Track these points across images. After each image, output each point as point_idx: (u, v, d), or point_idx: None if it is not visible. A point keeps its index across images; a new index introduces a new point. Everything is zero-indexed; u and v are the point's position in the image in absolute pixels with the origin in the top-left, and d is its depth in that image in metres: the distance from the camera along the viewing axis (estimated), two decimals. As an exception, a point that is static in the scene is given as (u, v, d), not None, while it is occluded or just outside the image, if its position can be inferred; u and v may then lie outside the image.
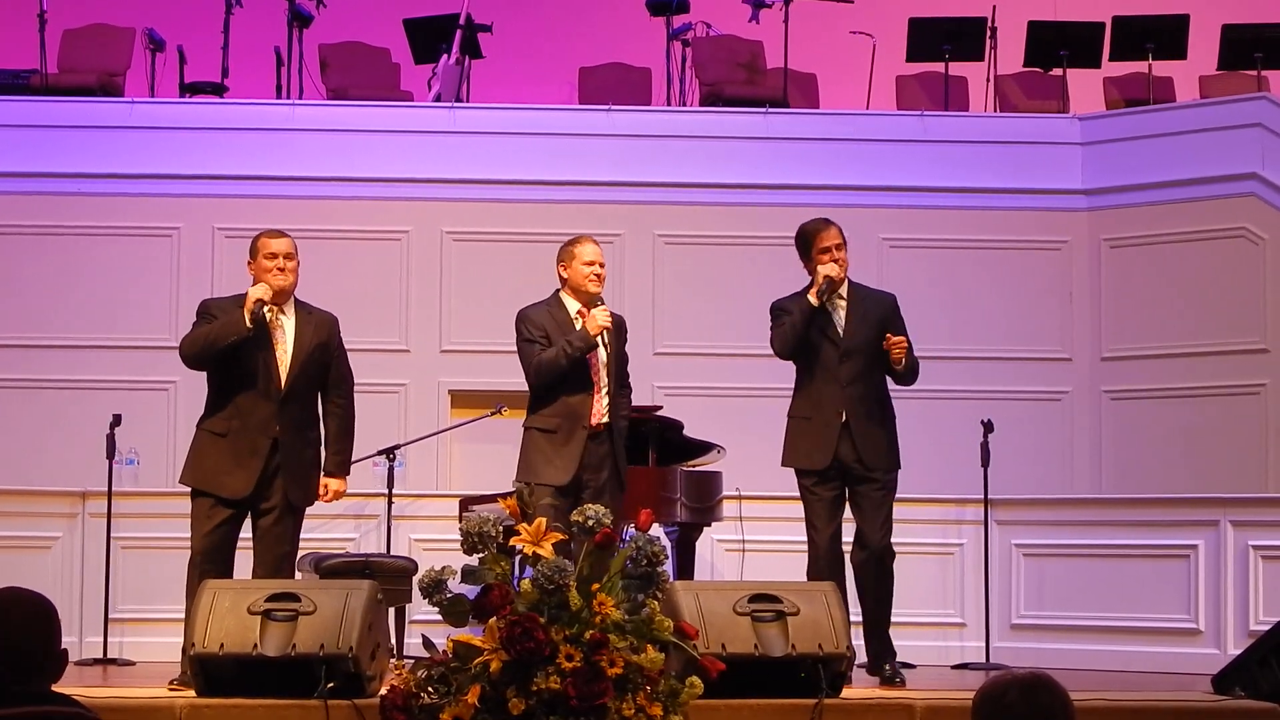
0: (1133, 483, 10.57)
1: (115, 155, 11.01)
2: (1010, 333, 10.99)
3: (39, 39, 11.67)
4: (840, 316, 7.02)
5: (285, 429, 6.60)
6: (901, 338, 6.97)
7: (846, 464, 6.95)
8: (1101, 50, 11.90)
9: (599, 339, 6.94)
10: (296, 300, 6.79)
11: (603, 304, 7.00)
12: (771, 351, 7.12)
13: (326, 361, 6.76)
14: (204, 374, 6.76)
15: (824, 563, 6.89)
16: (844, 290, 7.07)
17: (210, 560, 6.50)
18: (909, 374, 7.06)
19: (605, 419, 6.97)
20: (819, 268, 6.99)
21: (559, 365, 6.90)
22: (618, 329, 7.13)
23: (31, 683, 3.39)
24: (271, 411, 6.60)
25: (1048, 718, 3.42)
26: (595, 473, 6.93)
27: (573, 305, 7.04)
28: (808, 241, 7.08)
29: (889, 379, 7.12)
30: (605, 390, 7.00)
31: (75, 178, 10.97)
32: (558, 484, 6.87)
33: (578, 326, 6.97)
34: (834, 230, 7.07)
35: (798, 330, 6.95)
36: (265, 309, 6.60)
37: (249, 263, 6.78)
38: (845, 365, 6.96)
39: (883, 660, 6.95)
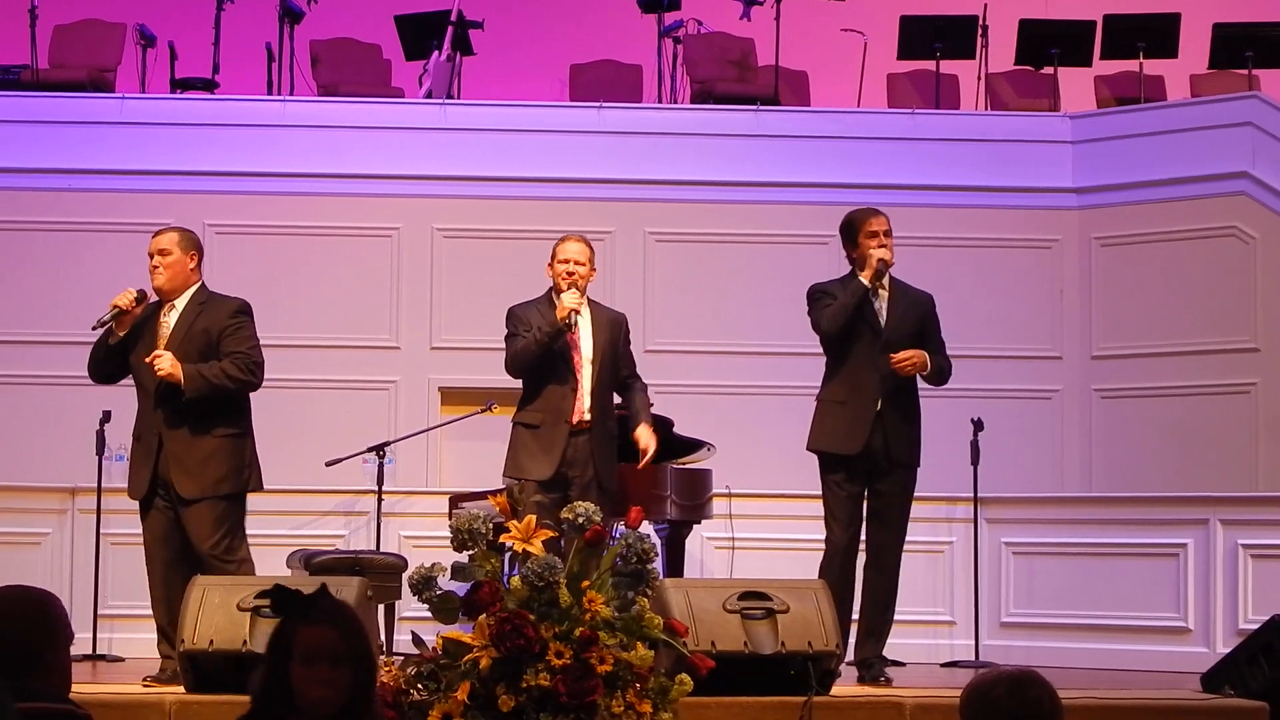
0: (1123, 481, 10.57)
1: (106, 151, 10.99)
2: (1001, 331, 10.98)
3: (30, 34, 11.66)
4: (883, 307, 6.99)
5: (168, 424, 6.53)
6: (910, 353, 6.89)
7: (874, 456, 6.92)
8: (1092, 48, 11.91)
9: (569, 323, 6.91)
10: (205, 290, 6.71)
11: (574, 289, 6.94)
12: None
13: (208, 345, 6.57)
14: None
15: (840, 561, 6.86)
16: (885, 282, 7.02)
17: (151, 560, 6.60)
18: (936, 376, 7.05)
19: (588, 415, 6.98)
20: (871, 251, 6.94)
21: (529, 351, 6.93)
22: (615, 325, 7.14)
23: (19, 679, 3.34)
24: (153, 409, 6.57)
25: (1035, 714, 3.42)
26: (580, 469, 6.95)
27: (562, 302, 7.04)
28: (854, 227, 7.05)
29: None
30: (588, 387, 7.01)
31: (66, 173, 10.94)
32: (540, 478, 6.91)
33: (567, 322, 6.98)
34: (882, 217, 7.05)
35: (849, 310, 6.90)
36: (124, 310, 6.58)
37: None
38: (885, 356, 6.92)
39: (870, 667, 6.91)
